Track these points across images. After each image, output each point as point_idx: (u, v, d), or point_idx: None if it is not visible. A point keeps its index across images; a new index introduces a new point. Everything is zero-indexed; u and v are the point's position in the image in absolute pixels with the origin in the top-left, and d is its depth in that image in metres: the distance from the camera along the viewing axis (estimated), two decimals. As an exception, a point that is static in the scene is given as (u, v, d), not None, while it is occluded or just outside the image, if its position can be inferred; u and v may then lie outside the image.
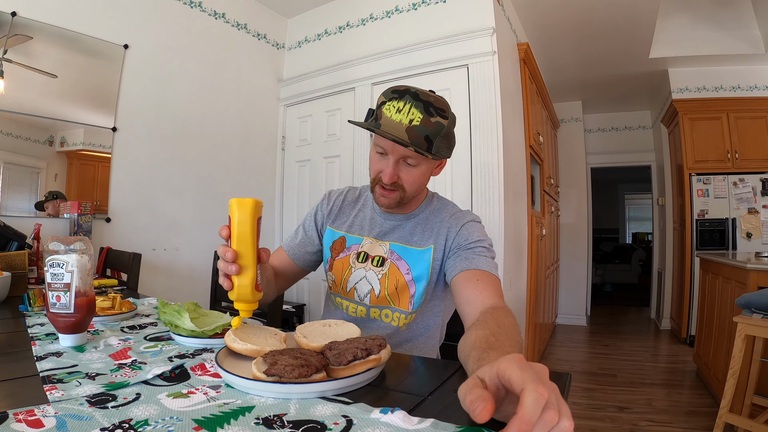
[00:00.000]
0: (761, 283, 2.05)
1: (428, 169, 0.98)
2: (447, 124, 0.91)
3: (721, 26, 3.55)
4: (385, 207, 1.00)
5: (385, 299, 0.99)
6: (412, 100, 0.88)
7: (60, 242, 0.78)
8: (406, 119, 0.87)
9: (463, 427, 0.45)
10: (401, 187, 0.95)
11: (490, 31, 2.28)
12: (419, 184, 0.97)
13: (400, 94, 0.90)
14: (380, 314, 1.01)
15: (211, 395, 0.55)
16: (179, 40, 2.57)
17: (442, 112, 0.91)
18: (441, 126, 0.90)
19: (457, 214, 1.02)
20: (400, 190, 0.95)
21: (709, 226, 3.74)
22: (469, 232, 0.97)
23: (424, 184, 1.00)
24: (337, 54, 2.90)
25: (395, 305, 0.99)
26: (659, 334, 4.42)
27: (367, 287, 1.00)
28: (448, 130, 0.93)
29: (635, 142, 5.25)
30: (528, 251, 2.88)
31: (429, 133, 0.88)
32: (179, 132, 2.57)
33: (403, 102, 0.88)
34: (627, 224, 9.58)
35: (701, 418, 2.30)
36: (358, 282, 1.01)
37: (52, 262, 0.76)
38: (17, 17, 1.90)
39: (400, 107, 0.88)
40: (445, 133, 0.92)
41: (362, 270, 1.01)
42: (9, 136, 1.92)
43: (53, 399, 0.52)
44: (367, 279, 1.00)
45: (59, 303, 0.75)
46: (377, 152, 0.95)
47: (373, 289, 1.00)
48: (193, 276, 2.57)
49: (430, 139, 0.88)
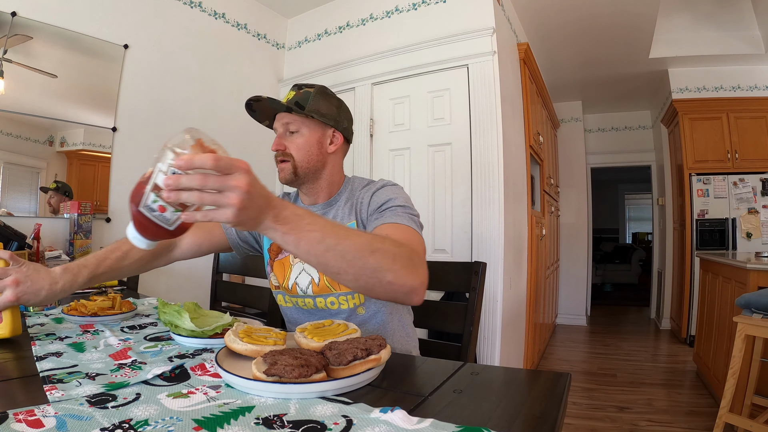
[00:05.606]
0: (761, 283, 2.05)
1: (314, 138, 1.03)
2: (313, 91, 1.04)
3: (721, 26, 3.55)
4: (284, 181, 1.04)
5: (326, 287, 1.00)
6: (292, 89, 1.05)
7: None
8: (283, 99, 1.02)
9: (463, 427, 0.45)
10: (290, 156, 1.01)
11: (490, 31, 2.28)
12: (306, 152, 1.02)
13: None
14: (326, 303, 1.01)
15: (211, 395, 0.55)
16: (179, 40, 2.57)
17: (311, 85, 1.06)
18: (308, 93, 1.03)
19: (369, 185, 1.06)
20: (290, 160, 1.01)
21: (709, 226, 3.74)
22: (379, 196, 0.99)
23: (312, 154, 1.03)
24: (337, 54, 2.90)
25: (337, 290, 1.00)
26: (659, 334, 4.42)
27: (307, 279, 1.01)
28: (317, 93, 1.04)
29: (635, 142, 5.24)
30: (528, 251, 2.88)
31: (299, 99, 1.01)
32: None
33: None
34: (627, 224, 9.58)
35: (701, 418, 2.30)
36: (298, 276, 1.03)
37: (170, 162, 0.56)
38: (17, 17, 1.90)
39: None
40: (315, 95, 1.03)
41: (300, 264, 1.03)
42: (9, 136, 1.92)
43: (53, 399, 0.52)
44: (306, 271, 1.02)
45: (161, 214, 0.58)
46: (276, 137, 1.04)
47: (313, 278, 1.01)
48: (193, 276, 2.57)
49: (300, 104, 1.00)
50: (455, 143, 2.37)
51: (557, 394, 0.55)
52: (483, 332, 2.20)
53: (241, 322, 0.79)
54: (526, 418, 0.49)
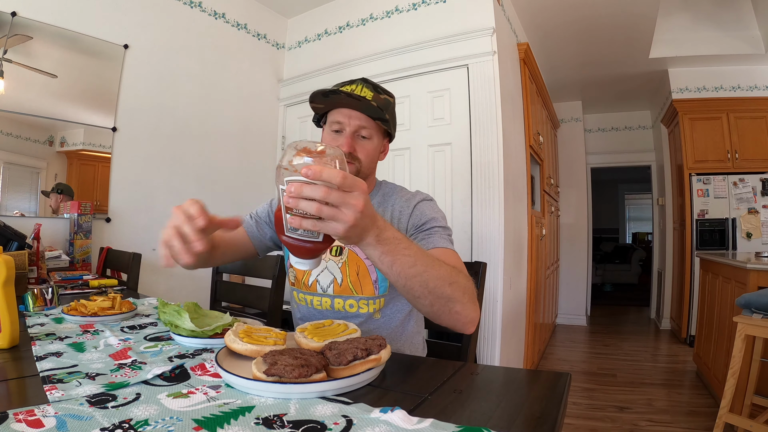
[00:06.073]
0: (761, 283, 2.05)
1: (379, 146, 1.05)
2: (393, 101, 1.05)
3: (721, 26, 3.55)
4: None
5: (347, 288, 1.00)
6: (362, 83, 1.01)
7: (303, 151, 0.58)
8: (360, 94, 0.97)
9: (463, 427, 0.45)
10: (357, 159, 1.00)
11: (490, 31, 2.28)
12: (372, 159, 1.03)
13: (351, 81, 1.03)
14: (344, 305, 1.01)
15: (211, 395, 0.55)
16: (179, 40, 2.57)
17: (388, 92, 1.04)
18: (389, 102, 1.02)
19: (407, 196, 1.06)
20: (356, 163, 1.00)
21: (709, 226, 3.74)
22: (421, 212, 1.00)
23: (375, 160, 1.05)
24: (337, 54, 2.90)
25: (359, 293, 0.99)
26: (659, 334, 4.42)
27: (329, 278, 1.01)
28: (393, 107, 1.05)
29: (635, 142, 5.25)
30: (528, 251, 2.88)
31: (381, 105, 0.98)
32: (179, 132, 2.57)
33: (355, 85, 1.00)
34: (627, 224, 9.58)
35: (701, 418, 2.30)
36: (319, 274, 1.02)
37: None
38: (17, 17, 1.90)
39: (354, 88, 0.99)
40: (392, 110, 1.04)
41: (323, 262, 1.02)
42: (9, 136, 1.92)
43: (53, 399, 0.52)
44: (329, 269, 1.01)
45: (304, 230, 0.59)
46: (333, 130, 1.01)
47: (336, 278, 1.01)
48: (193, 276, 2.56)
49: (381, 110, 0.98)
50: (455, 143, 2.37)
51: (557, 394, 0.55)
52: (483, 332, 2.20)
53: (241, 322, 0.79)
54: (526, 418, 0.49)
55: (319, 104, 1.01)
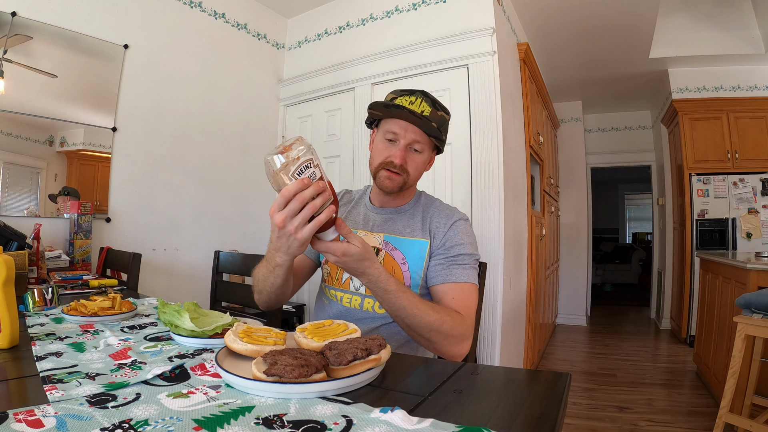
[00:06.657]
0: (761, 283, 2.05)
1: (427, 160, 1.08)
2: (448, 118, 1.07)
3: (721, 26, 3.55)
4: (388, 190, 1.05)
5: None
6: (422, 96, 1.03)
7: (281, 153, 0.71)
8: (418, 110, 1.01)
9: (463, 427, 0.45)
10: (406, 172, 1.03)
11: (490, 31, 2.28)
12: (420, 172, 1.07)
13: (411, 92, 1.04)
14: (374, 305, 1.03)
15: (211, 395, 0.55)
16: (179, 40, 2.57)
17: (445, 109, 1.06)
18: (444, 119, 1.05)
19: (446, 211, 1.09)
20: (404, 174, 1.03)
21: (709, 226, 3.74)
22: (455, 234, 1.03)
23: (421, 173, 1.09)
24: (337, 54, 2.90)
25: None
26: (659, 334, 4.43)
27: None
28: (448, 123, 1.07)
29: (635, 142, 5.25)
30: (528, 251, 2.88)
31: (437, 123, 1.01)
32: (179, 132, 2.57)
33: (414, 97, 1.02)
34: (627, 224, 9.59)
35: (701, 418, 2.30)
36: None
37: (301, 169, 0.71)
38: (17, 17, 1.90)
39: (413, 101, 1.02)
40: (446, 126, 1.06)
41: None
42: (9, 136, 1.92)
43: (53, 399, 0.52)
44: None
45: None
46: (387, 139, 1.03)
47: None
48: (193, 276, 2.57)
49: (438, 129, 1.01)
50: (455, 143, 2.37)
51: (557, 394, 0.55)
52: (483, 332, 2.20)
53: (241, 322, 0.79)
54: (526, 418, 0.49)
55: (378, 112, 1.05)
